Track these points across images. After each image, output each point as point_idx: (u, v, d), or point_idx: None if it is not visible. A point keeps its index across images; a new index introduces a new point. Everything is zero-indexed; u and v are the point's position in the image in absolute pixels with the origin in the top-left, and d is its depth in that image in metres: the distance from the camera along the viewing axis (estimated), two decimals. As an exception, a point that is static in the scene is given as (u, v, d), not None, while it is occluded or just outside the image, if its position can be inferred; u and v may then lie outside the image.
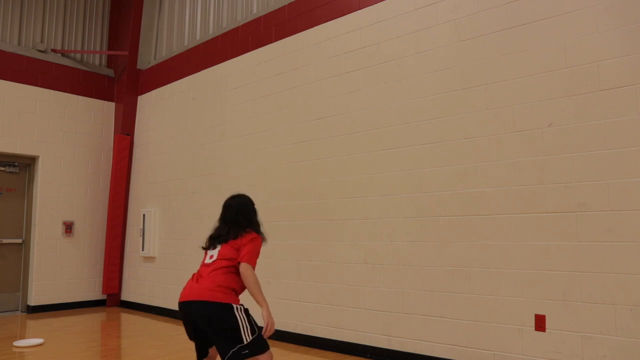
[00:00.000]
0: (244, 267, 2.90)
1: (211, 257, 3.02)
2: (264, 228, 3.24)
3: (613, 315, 3.56)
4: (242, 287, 2.99)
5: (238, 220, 3.09)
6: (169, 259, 7.49)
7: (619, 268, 3.56)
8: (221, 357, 2.85)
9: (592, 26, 3.82)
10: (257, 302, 2.91)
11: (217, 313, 2.83)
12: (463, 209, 4.40)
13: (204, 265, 3.04)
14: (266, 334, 2.88)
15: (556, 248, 3.85)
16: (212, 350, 3.07)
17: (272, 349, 3.01)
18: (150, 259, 7.83)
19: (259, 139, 6.26)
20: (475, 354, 4.20)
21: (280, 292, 5.76)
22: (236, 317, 2.83)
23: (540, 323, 3.87)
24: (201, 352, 3.07)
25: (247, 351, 2.80)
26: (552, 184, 3.91)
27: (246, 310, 2.92)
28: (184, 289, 2.99)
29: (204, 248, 3.15)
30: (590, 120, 3.77)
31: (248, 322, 2.86)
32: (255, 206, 3.27)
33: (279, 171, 5.97)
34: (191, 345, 3.09)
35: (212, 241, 3.10)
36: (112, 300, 8.30)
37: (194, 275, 3.03)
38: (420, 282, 4.62)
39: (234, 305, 2.86)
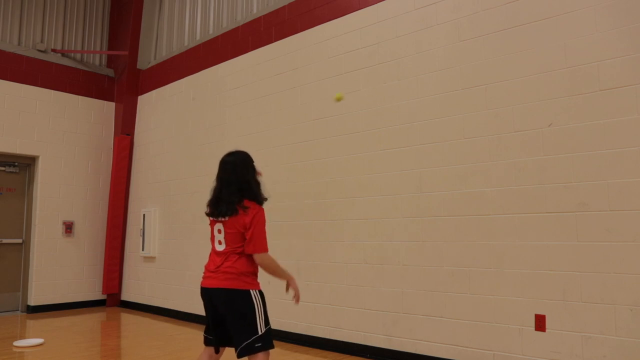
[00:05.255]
0: (258, 259, 2.94)
1: (219, 242, 2.99)
2: (264, 187, 3.18)
3: (613, 315, 3.55)
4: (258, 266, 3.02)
5: (231, 179, 3.03)
6: (169, 259, 7.49)
7: (619, 268, 3.56)
8: (235, 347, 2.88)
9: (592, 26, 3.82)
10: (282, 279, 3.05)
11: (235, 300, 2.87)
12: (463, 209, 4.40)
13: (215, 253, 3.01)
14: (297, 299, 3.14)
15: (556, 248, 3.85)
16: (219, 355, 3.07)
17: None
18: (150, 259, 7.83)
19: (259, 139, 6.26)
20: (475, 354, 4.20)
21: (280, 292, 5.74)
22: (253, 304, 2.89)
23: (540, 323, 3.87)
24: (216, 343, 3.04)
25: (260, 344, 2.84)
26: (552, 184, 3.91)
27: (262, 297, 2.98)
28: (204, 275, 3.03)
29: (207, 214, 3.10)
30: (590, 120, 3.77)
31: (264, 312, 2.93)
32: (255, 164, 3.19)
33: (279, 171, 5.97)
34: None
35: (213, 209, 3.03)
36: (112, 300, 8.30)
37: (210, 259, 3.04)
38: (420, 282, 4.62)
39: (251, 291, 2.92)
